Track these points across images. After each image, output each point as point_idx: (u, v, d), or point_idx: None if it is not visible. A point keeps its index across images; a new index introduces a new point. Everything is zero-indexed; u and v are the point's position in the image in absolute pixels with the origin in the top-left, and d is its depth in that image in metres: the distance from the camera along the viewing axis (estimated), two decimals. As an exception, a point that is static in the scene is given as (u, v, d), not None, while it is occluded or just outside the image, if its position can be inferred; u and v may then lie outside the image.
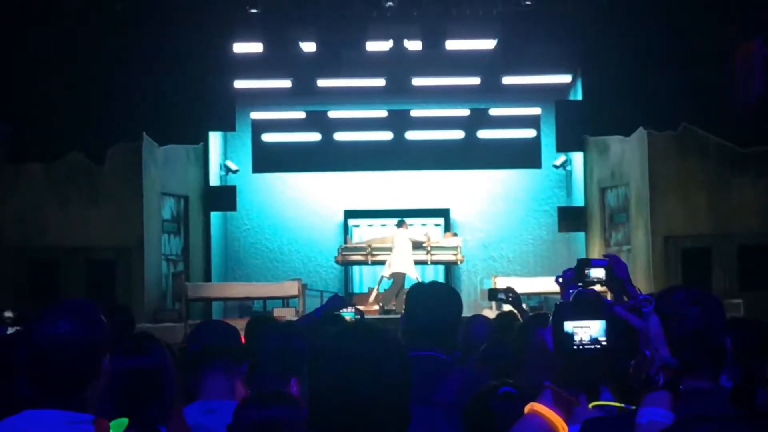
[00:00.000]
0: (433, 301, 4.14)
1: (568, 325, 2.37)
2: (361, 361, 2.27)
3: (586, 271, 2.99)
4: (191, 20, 16.74)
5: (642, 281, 15.55)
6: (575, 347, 2.36)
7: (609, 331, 2.37)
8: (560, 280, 3.17)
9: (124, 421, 2.73)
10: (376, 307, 17.80)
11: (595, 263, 3.03)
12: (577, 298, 2.46)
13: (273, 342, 4.42)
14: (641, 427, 2.43)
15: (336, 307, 6.37)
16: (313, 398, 2.30)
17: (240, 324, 5.67)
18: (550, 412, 2.36)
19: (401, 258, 17.65)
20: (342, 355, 2.29)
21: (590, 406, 2.68)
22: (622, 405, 2.67)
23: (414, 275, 17.46)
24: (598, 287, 3.14)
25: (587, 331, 2.37)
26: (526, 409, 2.42)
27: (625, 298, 3.04)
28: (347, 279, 20.85)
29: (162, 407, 3.38)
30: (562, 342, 2.37)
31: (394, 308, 17.17)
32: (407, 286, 16.75)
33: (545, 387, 2.40)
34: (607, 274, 3.03)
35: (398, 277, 17.65)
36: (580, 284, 3.01)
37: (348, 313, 6.70)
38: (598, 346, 2.36)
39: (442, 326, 4.08)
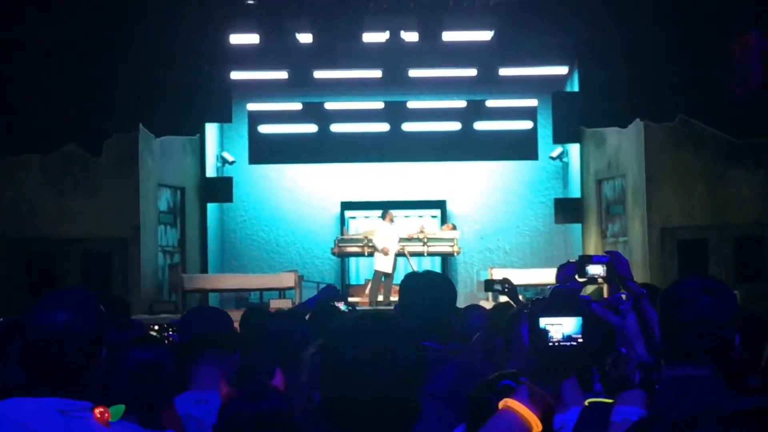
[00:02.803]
0: (427, 291, 4.12)
1: (543, 322, 2.36)
2: (374, 350, 2.27)
3: (587, 268, 2.98)
4: (188, 11, 16.70)
5: (639, 272, 15.54)
6: (550, 344, 2.34)
7: (584, 329, 2.34)
8: (560, 275, 3.16)
9: (121, 408, 2.73)
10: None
11: (597, 260, 3.01)
12: (553, 294, 2.44)
13: (274, 327, 4.40)
14: (615, 426, 2.42)
15: (330, 297, 6.37)
16: (325, 387, 2.29)
17: (236, 315, 5.67)
18: (525, 409, 2.33)
19: (381, 255, 17.79)
20: (356, 344, 2.29)
21: (586, 403, 2.67)
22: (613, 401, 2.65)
23: (389, 270, 17.58)
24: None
25: (561, 328, 2.35)
26: (501, 404, 2.40)
27: (623, 296, 3.02)
28: (344, 270, 20.84)
29: (162, 397, 3.41)
30: (537, 338, 2.36)
31: (381, 300, 17.30)
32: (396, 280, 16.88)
33: (521, 383, 2.38)
34: (607, 271, 3.01)
35: (376, 275, 17.80)
36: (582, 280, 3.00)
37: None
38: (573, 344, 2.34)
39: (436, 316, 4.06)
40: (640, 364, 2.41)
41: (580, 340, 2.33)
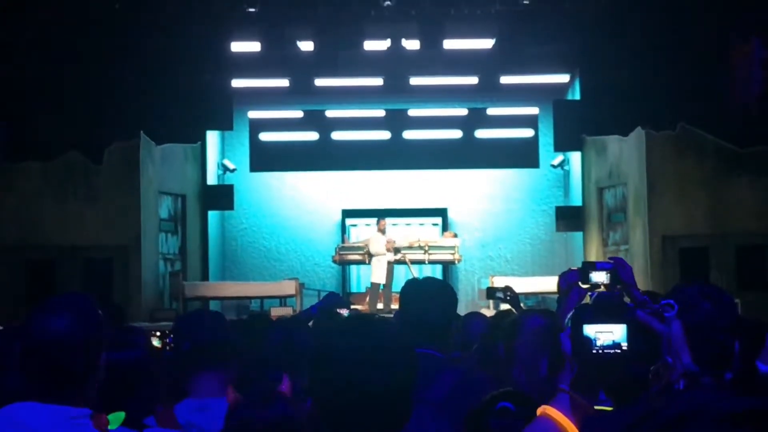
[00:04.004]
0: (427, 297, 4.10)
1: (588, 329, 2.31)
2: (365, 354, 2.25)
3: (590, 274, 2.95)
4: (189, 19, 16.72)
5: (640, 281, 15.40)
6: (595, 351, 2.30)
7: (630, 336, 2.30)
8: (562, 282, 3.14)
9: (121, 415, 2.72)
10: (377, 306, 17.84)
11: (600, 266, 2.98)
12: (597, 301, 2.40)
13: (277, 335, 4.38)
14: None
15: (332, 304, 6.34)
16: (316, 391, 2.29)
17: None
18: (563, 417, 2.30)
19: (375, 264, 17.81)
20: (346, 348, 2.27)
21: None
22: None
23: (383, 280, 17.63)
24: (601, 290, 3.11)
25: (608, 335, 2.30)
26: (539, 411, 2.36)
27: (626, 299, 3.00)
28: (344, 278, 20.83)
29: (144, 400, 3.37)
30: (581, 346, 2.31)
31: (381, 308, 17.32)
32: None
33: (560, 390, 2.35)
34: (611, 278, 2.98)
35: (372, 287, 17.84)
36: (585, 287, 2.97)
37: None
38: (618, 351, 2.29)
39: (436, 322, 4.04)
40: (685, 373, 2.38)
41: (625, 348, 2.29)
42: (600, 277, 2.96)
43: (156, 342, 6.11)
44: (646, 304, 2.78)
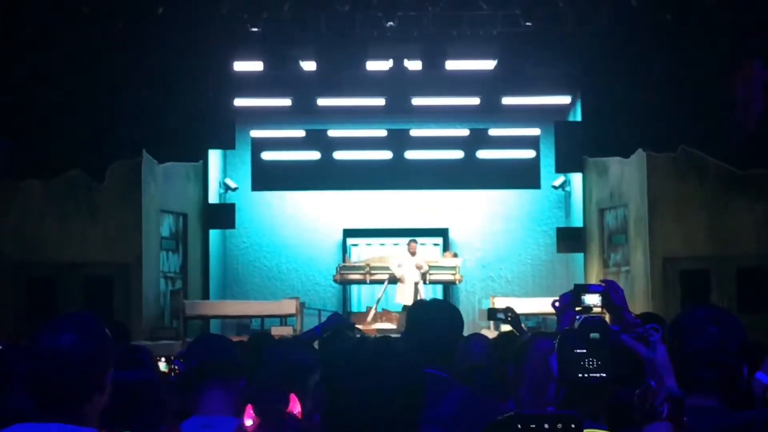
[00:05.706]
0: (434, 318, 4.13)
1: (574, 353, 2.33)
2: (374, 372, 2.27)
3: (583, 297, 2.96)
4: (192, 38, 16.75)
5: (640, 302, 15.52)
6: (580, 375, 2.32)
7: (614, 361, 2.33)
8: (557, 305, 3.16)
9: (126, 435, 2.73)
10: (375, 326, 17.79)
11: (592, 289, 3.00)
12: (583, 326, 2.42)
13: (279, 355, 4.39)
14: None
15: (335, 325, 6.35)
16: (328, 409, 2.30)
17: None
18: None
19: (401, 287, 17.81)
20: (356, 365, 2.29)
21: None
22: None
23: (410, 302, 17.63)
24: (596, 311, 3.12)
25: (592, 360, 2.32)
26: None
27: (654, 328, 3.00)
28: (345, 298, 20.81)
29: (150, 419, 3.37)
30: (567, 370, 2.33)
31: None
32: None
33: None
34: (603, 301, 3.00)
35: (404, 310, 17.82)
36: (577, 309, 2.99)
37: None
38: (604, 375, 2.32)
39: (442, 343, 4.07)
40: (669, 397, 2.39)
41: (610, 372, 2.31)
42: (592, 299, 2.98)
43: (163, 366, 6.11)
44: (637, 328, 2.78)
